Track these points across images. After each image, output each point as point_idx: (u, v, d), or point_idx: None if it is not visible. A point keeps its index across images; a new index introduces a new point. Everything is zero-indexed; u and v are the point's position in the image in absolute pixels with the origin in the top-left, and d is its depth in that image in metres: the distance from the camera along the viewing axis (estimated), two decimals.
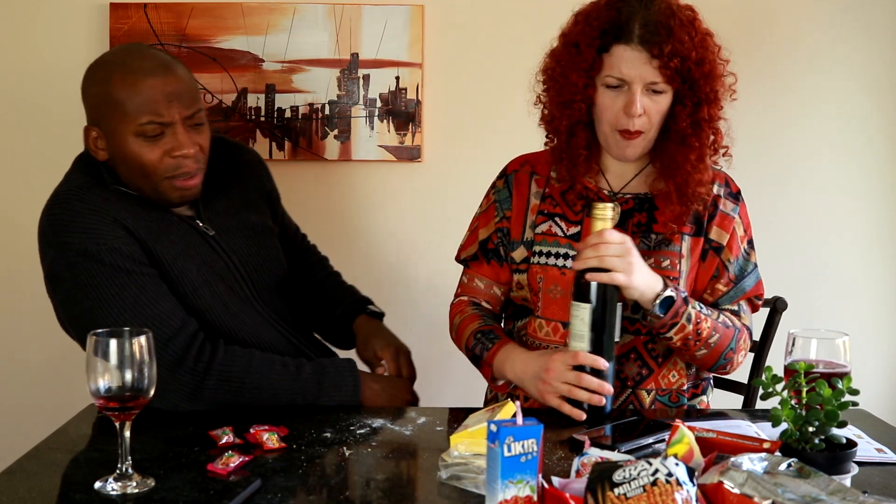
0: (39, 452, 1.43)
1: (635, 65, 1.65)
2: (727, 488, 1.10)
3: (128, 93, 1.65)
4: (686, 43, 1.64)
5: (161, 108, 1.66)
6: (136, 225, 1.66)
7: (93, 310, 1.61)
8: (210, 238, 1.78)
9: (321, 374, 1.70)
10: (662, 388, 1.77)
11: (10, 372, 2.64)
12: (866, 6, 2.57)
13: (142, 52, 1.74)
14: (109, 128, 1.69)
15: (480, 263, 1.88)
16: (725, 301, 1.78)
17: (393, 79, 2.56)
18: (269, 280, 1.86)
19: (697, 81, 1.67)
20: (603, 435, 1.49)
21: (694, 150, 1.70)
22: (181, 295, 1.68)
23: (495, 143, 1.98)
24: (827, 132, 2.61)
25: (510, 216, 1.84)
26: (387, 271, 2.67)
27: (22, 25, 2.56)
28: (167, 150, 1.68)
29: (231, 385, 1.63)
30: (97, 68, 1.73)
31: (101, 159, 1.72)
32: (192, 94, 1.71)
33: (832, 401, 1.24)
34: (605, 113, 1.70)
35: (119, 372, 1.25)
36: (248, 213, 1.89)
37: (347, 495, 1.29)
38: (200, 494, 1.25)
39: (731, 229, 1.78)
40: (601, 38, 1.67)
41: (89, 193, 1.67)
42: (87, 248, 1.61)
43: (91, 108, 1.73)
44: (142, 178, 1.70)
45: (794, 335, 1.38)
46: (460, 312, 1.87)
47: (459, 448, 1.34)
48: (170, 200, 1.73)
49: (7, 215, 2.63)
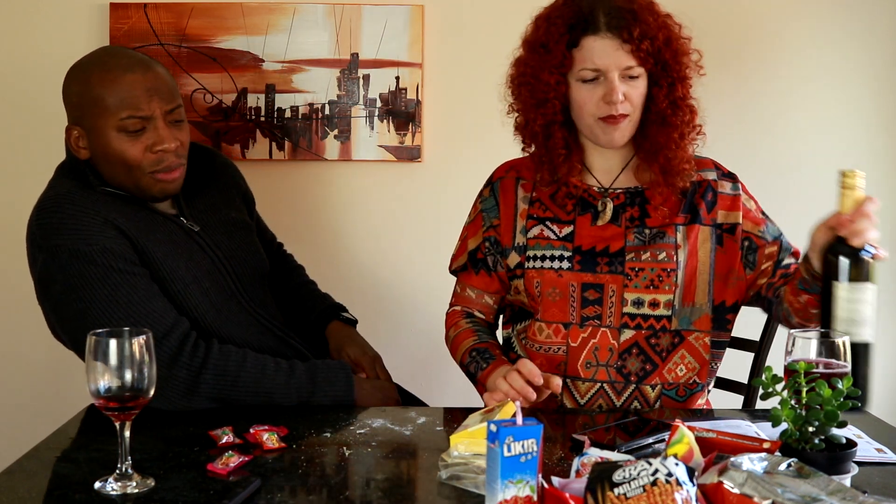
0: (39, 452, 1.43)
1: (608, 52, 1.67)
2: (727, 488, 1.10)
3: (108, 89, 1.68)
4: (651, 24, 1.68)
5: (141, 103, 1.68)
6: (126, 225, 1.67)
7: (85, 311, 1.61)
8: (195, 234, 1.79)
9: (314, 373, 1.70)
10: (669, 383, 1.77)
11: (10, 372, 2.64)
12: (867, 6, 2.58)
13: (119, 51, 1.79)
14: (91, 125, 1.70)
15: (470, 274, 1.89)
16: (784, 255, 1.79)
17: (393, 79, 2.56)
18: (253, 274, 1.88)
19: (668, 61, 1.71)
20: (604, 433, 1.49)
21: (676, 128, 1.73)
22: (172, 293, 1.69)
23: (495, 144, 1.98)
24: (826, 130, 2.62)
25: (497, 224, 1.85)
26: (386, 271, 2.67)
27: (22, 25, 2.56)
28: (148, 144, 1.70)
29: (226, 380, 1.63)
30: (76, 69, 1.76)
31: (82, 158, 1.73)
32: (172, 91, 1.74)
33: (832, 401, 1.24)
34: (585, 106, 1.72)
35: (119, 372, 1.25)
36: (228, 209, 1.91)
37: (347, 495, 1.29)
38: (200, 494, 1.25)
39: (742, 205, 1.80)
40: (569, 33, 1.69)
41: (78, 196, 1.68)
42: (79, 248, 1.61)
43: (72, 108, 1.74)
44: (124, 174, 1.71)
45: (794, 335, 1.38)
46: (455, 325, 1.88)
47: (459, 448, 1.34)
48: (152, 195, 1.74)
49: (7, 215, 2.63)
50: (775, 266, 1.79)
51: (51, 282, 1.65)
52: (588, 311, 1.76)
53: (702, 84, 1.79)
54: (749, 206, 1.82)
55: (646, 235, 1.77)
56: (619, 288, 1.74)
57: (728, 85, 2.54)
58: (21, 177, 2.60)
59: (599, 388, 1.76)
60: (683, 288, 1.76)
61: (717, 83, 2.46)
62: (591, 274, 1.76)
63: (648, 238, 1.76)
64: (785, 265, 1.80)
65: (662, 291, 1.74)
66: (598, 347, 1.75)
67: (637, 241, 1.76)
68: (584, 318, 1.76)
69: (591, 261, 1.76)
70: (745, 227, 1.79)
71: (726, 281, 1.79)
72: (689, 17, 1.77)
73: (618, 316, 1.75)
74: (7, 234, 2.62)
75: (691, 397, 1.79)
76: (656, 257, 1.75)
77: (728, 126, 2.55)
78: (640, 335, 1.75)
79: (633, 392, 1.76)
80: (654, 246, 1.75)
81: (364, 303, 2.48)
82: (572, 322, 1.76)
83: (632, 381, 1.76)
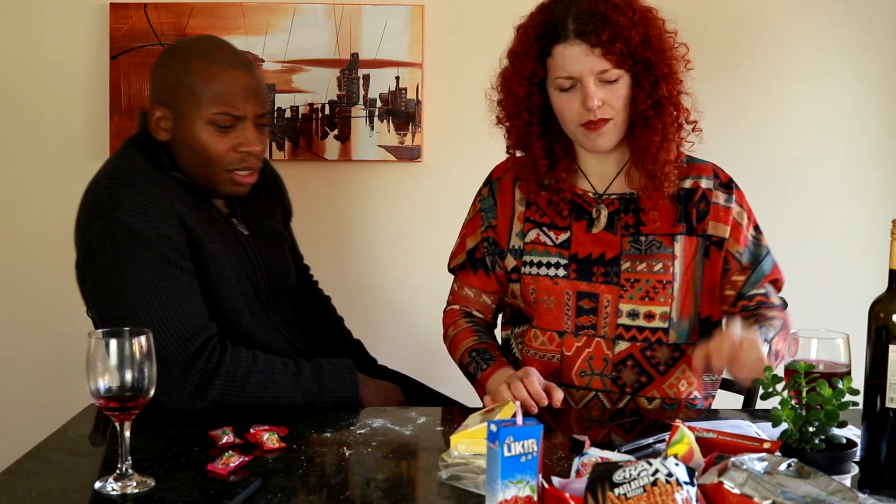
0: (39, 452, 1.43)
1: (578, 59, 1.64)
2: (727, 488, 1.10)
3: (206, 81, 1.67)
4: (625, 24, 1.63)
5: (238, 102, 1.68)
6: (188, 215, 1.66)
7: (122, 293, 1.59)
8: (243, 237, 1.79)
9: (320, 373, 1.70)
10: (670, 398, 1.75)
11: (10, 372, 2.63)
12: (864, 6, 2.58)
13: (223, 44, 1.78)
14: (179, 110, 1.69)
15: (468, 273, 1.88)
16: (748, 288, 1.75)
17: (393, 79, 2.56)
18: (284, 288, 1.89)
19: (649, 59, 1.66)
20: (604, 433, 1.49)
21: (657, 131, 1.69)
22: (214, 291, 1.69)
23: (495, 144, 1.98)
24: (824, 129, 2.62)
25: (496, 224, 1.84)
26: (387, 271, 2.67)
27: (22, 25, 2.56)
28: (235, 143, 1.70)
29: (235, 385, 1.62)
30: (175, 52, 1.75)
31: (161, 139, 1.72)
32: (265, 96, 1.75)
33: (832, 401, 1.24)
34: (565, 114, 1.70)
35: (119, 372, 1.25)
36: (271, 219, 1.91)
37: (347, 495, 1.28)
38: (200, 494, 1.25)
39: (731, 219, 1.76)
40: (538, 43, 1.68)
41: (150, 175, 1.67)
42: (138, 228, 1.59)
43: (162, 89, 1.73)
44: (201, 165, 1.71)
45: (794, 335, 1.38)
46: (454, 324, 1.88)
47: (459, 448, 1.34)
48: (222, 192, 1.75)
49: (7, 215, 2.63)
50: (737, 297, 1.75)
51: (100, 252, 1.62)
52: (583, 321, 1.74)
53: (700, 83, 1.78)
54: (740, 220, 1.76)
55: (642, 244, 1.74)
56: (614, 298, 1.73)
57: (726, 84, 2.54)
58: (21, 177, 2.61)
59: (594, 396, 1.75)
60: (681, 300, 1.74)
61: (715, 82, 2.46)
62: (586, 283, 1.74)
63: (645, 247, 1.74)
64: (749, 296, 1.74)
65: (658, 303, 1.72)
66: (593, 357, 1.74)
67: (633, 251, 1.74)
68: (579, 328, 1.75)
69: (586, 270, 1.74)
70: (728, 246, 1.75)
71: (712, 296, 1.76)
72: (687, 17, 1.76)
73: (612, 327, 1.73)
74: (7, 235, 2.63)
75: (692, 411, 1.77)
76: (652, 268, 1.72)
77: (727, 125, 2.55)
78: (634, 347, 1.73)
79: (628, 403, 1.75)
80: (651, 256, 1.73)
81: (364, 302, 2.49)
82: (567, 331, 1.75)
83: (627, 392, 1.74)
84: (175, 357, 1.58)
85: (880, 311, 1.32)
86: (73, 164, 2.59)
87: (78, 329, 2.02)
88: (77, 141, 2.60)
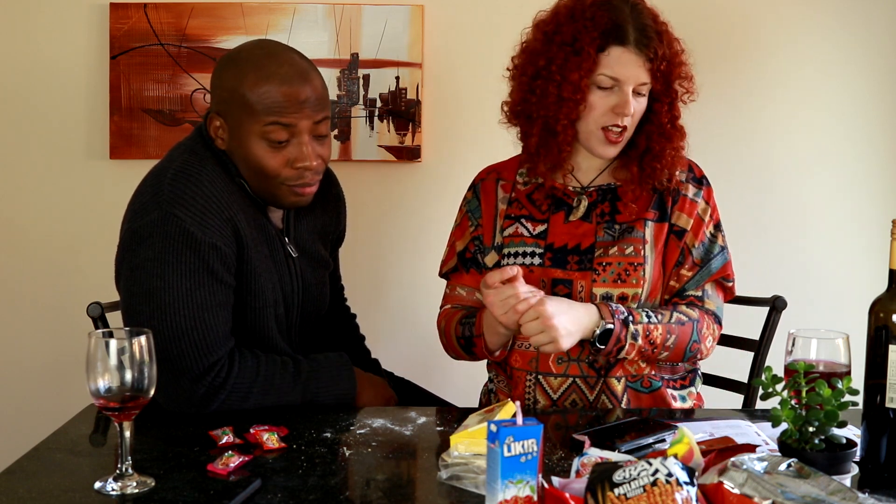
0: (39, 452, 1.43)
1: (630, 67, 1.71)
2: (727, 488, 1.10)
3: (258, 96, 1.63)
4: (670, 47, 1.74)
5: (290, 117, 1.64)
6: (245, 230, 1.65)
7: (158, 290, 1.57)
8: (292, 260, 1.78)
9: (317, 370, 1.70)
10: (633, 375, 1.78)
11: (10, 372, 2.64)
12: (861, 7, 2.57)
13: (278, 53, 1.69)
14: (235, 123, 1.67)
15: (461, 274, 1.91)
16: (691, 286, 1.81)
17: (393, 79, 2.56)
18: (314, 311, 1.88)
19: (673, 82, 1.76)
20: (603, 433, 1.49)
21: (674, 141, 1.78)
22: (250, 307, 1.68)
23: (495, 144, 1.99)
24: (824, 129, 2.62)
25: (482, 224, 1.88)
26: (386, 271, 2.67)
27: (22, 25, 2.56)
28: (290, 159, 1.67)
29: (239, 395, 1.62)
30: (231, 61, 1.70)
31: (219, 147, 1.70)
32: (322, 102, 1.69)
33: (832, 401, 1.24)
34: (594, 111, 1.74)
35: (119, 372, 1.25)
36: (321, 244, 1.89)
37: (347, 495, 1.29)
38: (200, 494, 1.25)
39: (695, 214, 1.81)
40: (601, 38, 1.70)
41: (218, 179, 1.65)
42: (192, 231, 1.57)
43: (219, 100, 1.69)
44: (259, 179, 1.68)
45: (794, 335, 1.38)
46: (445, 316, 1.91)
47: (459, 448, 1.34)
48: (283, 203, 1.73)
49: (7, 215, 2.63)
50: (679, 291, 1.81)
51: (147, 242, 1.59)
52: None
53: (699, 83, 1.81)
54: (703, 216, 1.82)
55: (615, 231, 1.79)
56: (587, 283, 1.76)
57: (726, 84, 2.54)
58: (21, 177, 2.61)
59: (572, 382, 1.77)
60: (652, 283, 1.78)
61: (715, 82, 2.46)
62: (560, 270, 1.78)
63: (618, 233, 1.79)
64: (685, 295, 1.81)
65: (630, 285, 1.75)
66: None
67: (607, 237, 1.79)
68: None
69: (562, 258, 1.78)
70: (687, 239, 1.80)
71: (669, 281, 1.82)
72: (686, 16, 1.77)
73: None
74: (7, 234, 2.63)
75: (657, 392, 1.78)
76: (623, 251, 1.77)
77: (726, 125, 2.55)
78: None
79: (601, 386, 1.77)
80: (623, 241, 1.78)
81: (364, 302, 2.48)
82: None
83: (601, 374, 1.77)
84: (188, 368, 1.57)
85: (880, 311, 1.33)
86: (73, 164, 2.60)
87: (78, 329, 2.02)
88: (77, 141, 2.60)
